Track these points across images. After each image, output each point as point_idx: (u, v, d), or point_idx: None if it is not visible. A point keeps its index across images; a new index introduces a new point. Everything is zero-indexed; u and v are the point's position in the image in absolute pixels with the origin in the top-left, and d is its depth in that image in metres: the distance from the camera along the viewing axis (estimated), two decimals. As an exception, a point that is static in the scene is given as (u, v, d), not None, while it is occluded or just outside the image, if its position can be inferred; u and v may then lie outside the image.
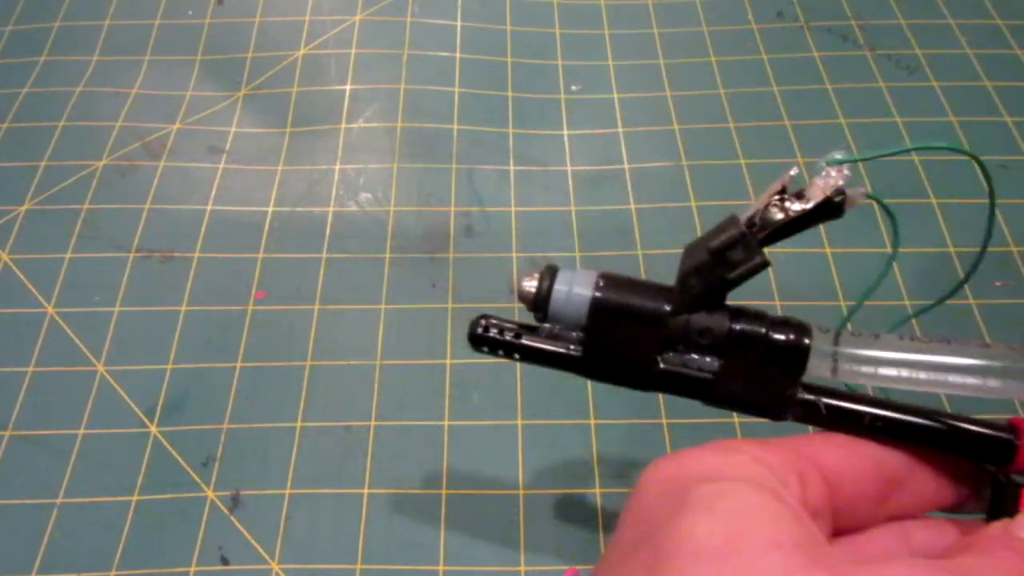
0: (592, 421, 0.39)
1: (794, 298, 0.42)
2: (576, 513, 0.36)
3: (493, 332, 0.23)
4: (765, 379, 0.21)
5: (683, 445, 0.37)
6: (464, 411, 0.39)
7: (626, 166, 0.48)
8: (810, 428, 0.21)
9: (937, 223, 0.45)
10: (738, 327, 0.21)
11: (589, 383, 0.40)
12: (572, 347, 0.22)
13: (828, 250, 0.44)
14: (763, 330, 0.21)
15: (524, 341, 0.23)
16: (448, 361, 0.41)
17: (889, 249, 0.44)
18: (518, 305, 0.43)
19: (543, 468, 0.37)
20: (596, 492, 0.37)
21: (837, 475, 0.20)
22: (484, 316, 0.23)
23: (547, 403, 0.39)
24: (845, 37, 0.54)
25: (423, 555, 0.35)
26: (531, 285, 0.22)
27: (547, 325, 0.23)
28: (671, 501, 0.18)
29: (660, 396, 0.39)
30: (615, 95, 0.52)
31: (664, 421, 0.38)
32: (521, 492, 0.37)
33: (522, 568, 0.35)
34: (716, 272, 0.21)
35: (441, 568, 0.35)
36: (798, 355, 0.20)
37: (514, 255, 0.44)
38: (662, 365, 0.21)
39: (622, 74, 0.53)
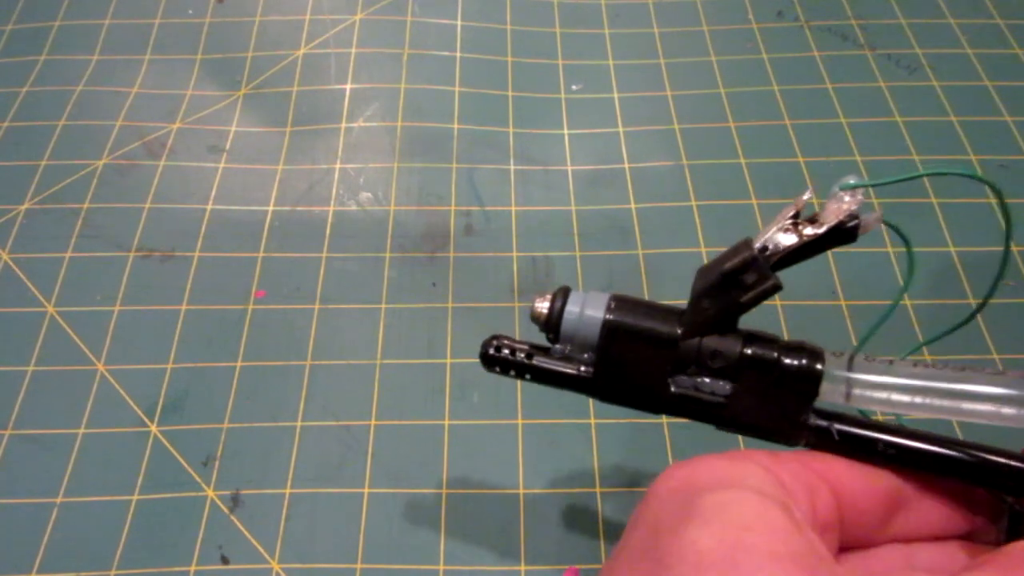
0: (592, 421, 0.39)
1: (796, 298, 0.42)
2: (576, 513, 0.36)
3: (505, 352, 0.23)
4: (777, 404, 0.21)
5: (683, 445, 0.38)
6: (464, 411, 0.39)
7: (626, 166, 0.48)
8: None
9: (938, 223, 0.45)
10: (750, 351, 0.21)
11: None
12: (583, 368, 0.22)
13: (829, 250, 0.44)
14: (775, 354, 0.20)
15: (535, 362, 0.23)
16: (448, 361, 0.41)
17: (889, 249, 0.44)
18: (518, 304, 0.43)
19: (543, 468, 0.37)
20: (596, 492, 0.37)
21: (846, 490, 0.20)
22: (496, 336, 0.24)
23: (547, 403, 0.39)
24: (845, 36, 0.54)
25: (423, 555, 0.35)
26: (543, 306, 0.22)
27: (558, 346, 0.23)
28: (678, 509, 0.18)
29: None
30: (615, 94, 0.52)
31: (664, 421, 0.38)
32: (521, 492, 0.37)
33: (522, 568, 0.35)
34: (728, 295, 0.21)
35: (441, 568, 0.35)
36: (810, 380, 0.20)
37: (514, 254, 0.44)
38: (673, 388, 0.21)
39: (622, 73, 0.53)
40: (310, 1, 0.56)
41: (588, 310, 0.22)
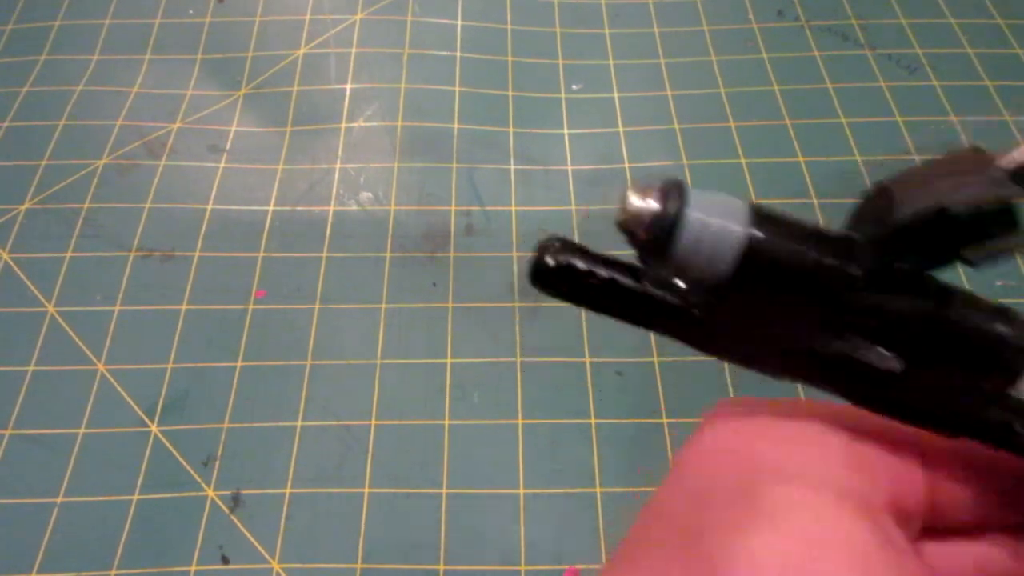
0: (592, 421, 0.39)
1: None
2: (576, 513, 0.36)
3: (576, 262, 0.15)
4: (965, 385, 0.15)
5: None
6: (464, 411, 0.39)
7: (627, 165, 0.48)
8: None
9: None
10: (951, 314, 0.15)
11: (590, 381, 0.40)
12: (692, 303, 0.15)
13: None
14: (985, 323, 0.15)
15: (622, 281, 0.15)
16: (448, 360, 0.41)
17: None
18: (518, 304, 0.43)
19: (543, 468, 0.37)
20: (596, 491, 0.37)
21: (940, 477, 0.16)
22: (556, 239, 0.16)
23: (547, 403, 0.39)
24: (846, 36, 0.54)
25: (423, 555, 0.35)
26: (649, 204, 0.14)
27: (658, 269, 0.15)
28: (733, 495, 0.15)
29: (660, 393, 0.39)
30: (616, 94, 0.52)
31: (664, 421, 0.38)
32: (521, 492, 0.37)
33: (522, 568, 0.35)
34: (943, 241, 0.14)
35: (441, 568, 0.35)
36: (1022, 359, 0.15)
37: (514, 254, 0.44)
38: (831, 348, 0.15)
39: (623, 73, 0.53)
40: (310, 1, 0.56)
41: (722, 220, 0.14)
